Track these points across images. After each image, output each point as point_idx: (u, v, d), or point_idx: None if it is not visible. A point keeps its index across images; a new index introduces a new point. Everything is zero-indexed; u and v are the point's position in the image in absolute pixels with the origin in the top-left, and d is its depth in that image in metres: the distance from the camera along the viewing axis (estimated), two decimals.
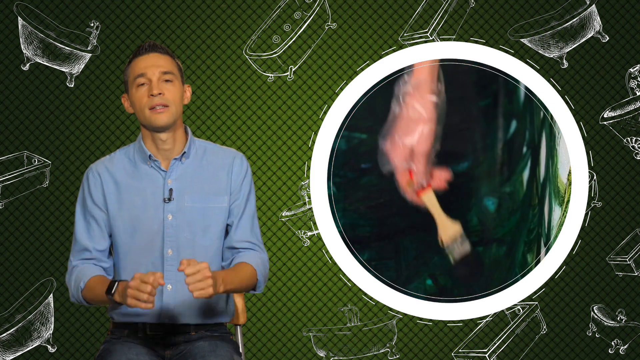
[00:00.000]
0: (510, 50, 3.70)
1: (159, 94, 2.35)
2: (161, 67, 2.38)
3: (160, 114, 2.37)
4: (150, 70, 2.37)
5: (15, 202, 3.65)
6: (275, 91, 3.71)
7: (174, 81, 2.39)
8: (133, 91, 2.38)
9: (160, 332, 2.43)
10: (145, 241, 2.39)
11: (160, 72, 2.37)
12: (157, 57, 2.39)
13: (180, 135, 2.44)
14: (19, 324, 3.58)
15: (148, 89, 2.37)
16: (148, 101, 2.36)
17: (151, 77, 2.36)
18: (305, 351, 3.70)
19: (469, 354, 3.70)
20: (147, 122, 2.38)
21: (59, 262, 3.64)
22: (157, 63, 2.38)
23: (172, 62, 2.41)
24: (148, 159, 2.42)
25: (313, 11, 3.69)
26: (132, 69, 2.39)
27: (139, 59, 2.39)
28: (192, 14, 3.69)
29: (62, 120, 3.66)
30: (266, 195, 3.69)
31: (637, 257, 3.70)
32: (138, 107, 2.39)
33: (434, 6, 3.71)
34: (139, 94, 2.37)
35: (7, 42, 3.65)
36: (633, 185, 3.73)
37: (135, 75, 2.38)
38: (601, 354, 3.72)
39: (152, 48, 2.39)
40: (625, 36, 3.72)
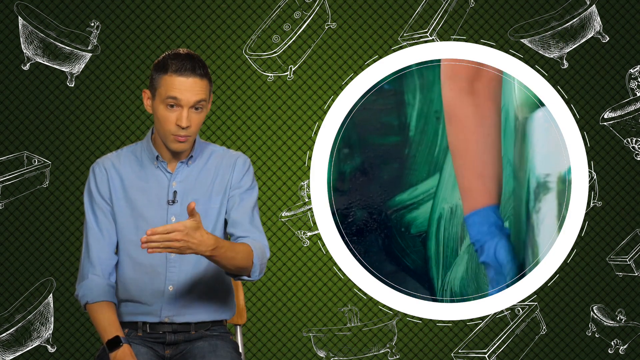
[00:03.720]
0: (510, 50, 3.70)
1: (187, 127, 2.32)
2: (197, 96, 2.30)
3: (181, 144, 2.35)
4: (186, 97, 2.30)
5: (15, 202, 3.65)
6: (275, 91, 3.71)
7: (204, 108, 2.35)
8: (161, 106, 2.32)
9: (160, 332, 2.43)
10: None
11: (195, 102, 2.31)
12: (195, 83, 2.31)
13: None
14: (19, 324, 3.58)
15: (177, 116, 2.31)
16: (174, 129, 2.32)
17: (184, 105, 2.30)
18: (305, 351, 3.70)
19: (469, 354, 3.70)
20: (166, 143, 2.37)
21: (59, 262, 3.64)
22: (194, 90, 2.30)
23: (207, 87, 2.34)
24: (155, 159, 2.42)
25: (313, 11, 3.69)
26: (167, 84, 2.31)
27: (179, 79, 2.30)
28: (192, 14, 3.69)
29: (62, 120, 3.66)
30: (266, 195, 3.69)
31: (637, 257, 3.70)
32: (162, 127, 2.34)
33: (434, 6, 3.71)
34: (167, 115, 2.32)
35: (7, 42, 3.65)
36: (633, 185, 3.73)
37: (168, 94, 2.30)
38: (601, 354, 3.72)
39: (193, 71, 2.30)
40: (625, 36, 3.72)
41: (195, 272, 2.42)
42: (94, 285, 2.38)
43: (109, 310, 2.36)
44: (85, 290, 2.38)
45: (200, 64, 2.32)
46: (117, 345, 2.30)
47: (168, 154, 2.43)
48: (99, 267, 2.40)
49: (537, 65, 3.71)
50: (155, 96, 2.35)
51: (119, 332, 2.33)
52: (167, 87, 2.31)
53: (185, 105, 2.31)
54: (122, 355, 2.28)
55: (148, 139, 2.45)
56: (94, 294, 2.37)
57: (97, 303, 2.37)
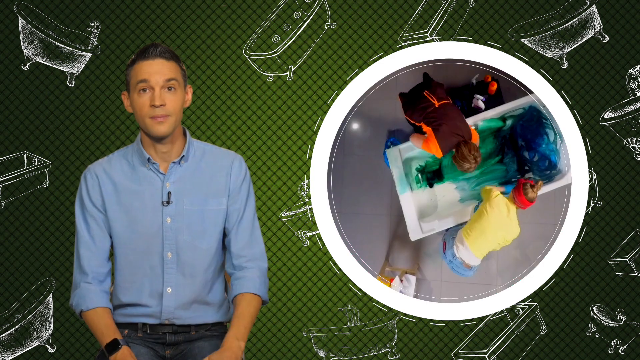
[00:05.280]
0: (510, 50, 3.70)
1: (161, 105, 2.35)
2: (165, 75, 2.36)
3: (161, 124, 2.36)
4: (154, 77, 2.35)
5: (15, 202, 3.65)
6: (275, 91, 3.71)
7: (177, 89, 2.37)
8: (135, 96, 2.37)
9: (160, 332, 2.43)
10: (144, 244, 2.39)
11: (164, 80, 2.35)
12: (162, 64, 2.36)
13: (178, 138, 2.44)
14: (19, 324, 3.58)
15: (150, 97, 2.35)
16: (149, 110, 2.35)
17: (154, 86, 2.35)
18: (305, 351, 3.70)
19: (469, 354, 3.70)
20: (146, 129, 2.38)
21: (58, 262, 3.64)
22: (162, 70, 2.36)
23: (176, 68, 2.38)
24: (147, 161, 2.42)
25: (313, 11, 3.69)
26: (136, 71, 2.37)
27: (144, 63, 2.36)
28: (192, 14, 3.69)
29: (62, 120, 3.66)
30: (266, 195, 3.69)
31: (637, 257, 3.70)
32: (139, 114, 2.38)
33: (433, 6, 3.71)
34: (141, 101, 2.36)
35: (7, 42, 3.65)
36: (633, 185, 3.73)
37: (138, 79, 2.36)
38: (601, 354, 3.72)
39: (158, 54, 2.36)
40: (625, 36, 3.72)
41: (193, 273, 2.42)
42: (86, 292, 2.39)
43: (104, 315, 2.37)
44: (79, 299, 2.39)
45: (166, 49, 2.38)
46: (116, 348, 2.30)
47: (158, 155, 2.42)
48: (90, 275, 2.40)
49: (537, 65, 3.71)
50: (130, 91, 2.39)
51: (117, 335, 2.34)
52: (136, 74, 2.36)
53: (155, 85, 2.35)
54: (122, 357, 2.29)
55: (138, 141, 2.45)
56: (87, 301, 2.38)
57: (91, 310, 2.37)
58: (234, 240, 2.45)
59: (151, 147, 2.42)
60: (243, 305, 2.38)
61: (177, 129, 2.41)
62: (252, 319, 2.38)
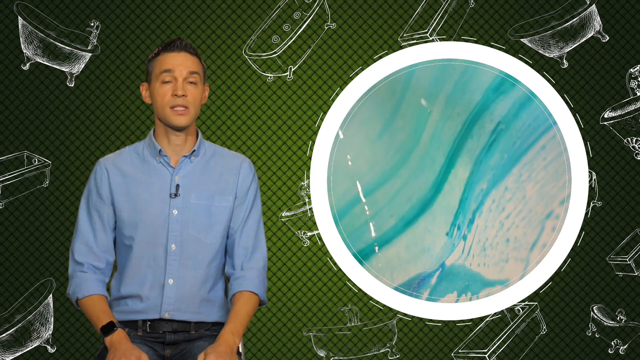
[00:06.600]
0: (510, 50, 3.70)
1: (183, 96, 2.39)
2: (189, 67, 2.41)
3: (181, 116, 2.41)
4: (179, 69, 2.40)
5: (15, 202, 3.65)
6: (275, 91, 3.71)
7: (198, 83, 2.42)
8: (157, 85, 2.42)
9: (160, 331, 2.43)
10: (149, 235, 2.41)
11: (188, 72, 2.40)
12: (186, 57, 2.42)
13: (192, 134, 2.48)
14: (19, 324, 3.58)
15: (173, 87, 2.40)
16: (170, 100, 2.40)
17: (178, 77, 2.40)
18: (305, 351, 3.70)
19: (469, 354, 3.70)
20: (165, 119, 2.42)
21: (59, 262, 3.64)
22: (186, 62, 2.41)
23: (199, 64, 2.44)
24: (158, 153, 2.44)
25: (313, 11, 3.70)
26: (160, 62, 2.42)
27: (169, 54, 2.41)
28: (192, 14, 3.69)
29: (62, 120, 3.66)
30: (266, 195, 3.69)
31: (637, 257, 3.70)
32: (159, 104, 2.42)
33: (433, 6, 3.71)
34: (163, 90, 2.41)
35: (7, 42, 3.65)
36: (633, 185, 3.73)
37: (162, 69, 2.41)
38: (601, 354, 3.72)
39: (183, 47, 2.42)
40: (625, 36, 3.73)
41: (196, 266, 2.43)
42: (82, 281, 2.41)
43: (100, 301, 2.39)
44: (75, 288, 2.42)
45: (190, 45, 2.45)
46: (111, 330, 2.32)
47: (171, 148, 2.45)
48: (85, 265, 2.43)
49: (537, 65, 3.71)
50: (151, 81, 2.43)
51: (113, 319, 2.36)
52: (161, 64, 2.41)
53: (179, 76, 2.40)
54: (117, 338, 2.30)
55: (150, 136, 2.49)
56: (83, 289, 2.40)
57: (87, 297, 2.39)
58: (238, 241, 2.46)
59: (164, 139, 2.45)
60: (241, 302, 2.40)
61: (192, 124, 2.46)
62: (248, 317, 2.40)
